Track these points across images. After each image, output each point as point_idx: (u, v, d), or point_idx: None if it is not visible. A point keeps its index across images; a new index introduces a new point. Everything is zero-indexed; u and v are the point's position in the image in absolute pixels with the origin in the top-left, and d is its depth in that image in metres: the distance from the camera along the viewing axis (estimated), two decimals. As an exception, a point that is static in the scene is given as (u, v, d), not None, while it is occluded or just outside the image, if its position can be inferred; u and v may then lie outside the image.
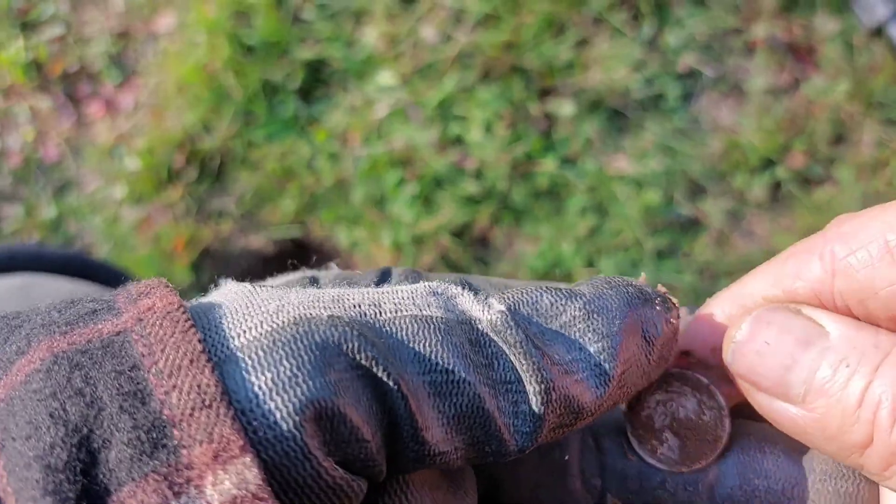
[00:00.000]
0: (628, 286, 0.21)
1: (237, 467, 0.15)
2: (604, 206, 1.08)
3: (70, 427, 0.15)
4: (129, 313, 0.17)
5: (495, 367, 0.19)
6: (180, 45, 1.13)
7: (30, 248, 0.46)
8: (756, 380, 0.20)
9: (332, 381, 0.16)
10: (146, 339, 0.16)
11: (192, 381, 0.16)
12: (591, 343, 0.19)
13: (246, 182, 1.12)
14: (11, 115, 1.17)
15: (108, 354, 0.16)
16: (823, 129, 1.08)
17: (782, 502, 0.21)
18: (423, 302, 0.19)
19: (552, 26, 1.08)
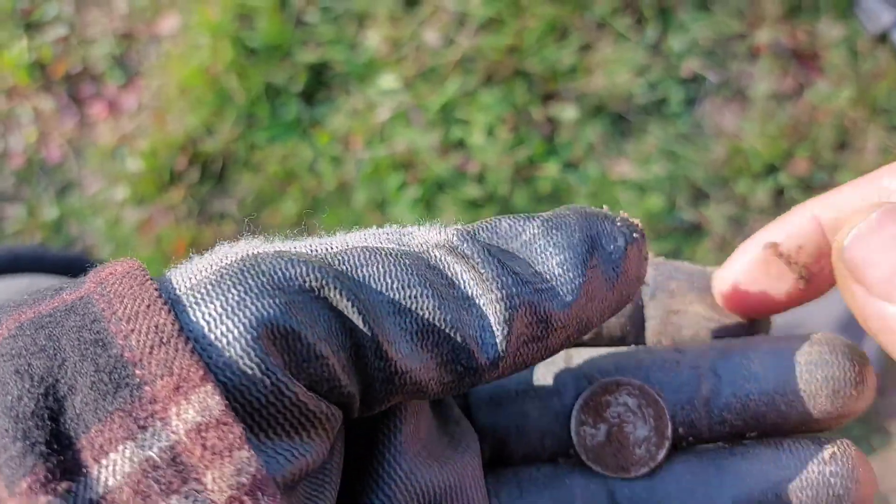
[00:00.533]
0: (586, 208, 0.21)
1: (199, 396, 0.16)
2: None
3: (35, 379, 0.16)
4: (91, 280, 0.18)
5: (455, 285, 0.19)
6: (183, 48, 1.14)
7: (32, 250, 0.46)
8: (866, 272, 0.20)
9: (281, 303, 0.17)
10: (106, 296, 0.17)
11: (149, 323, 0.16)
12: (553, 256, 0.19)
13: (248, 184, 1.12)
14: (14, 116, 1.17)
15: (70, 314, 0.17)
16: (827, 136, 1.07)
17: (776, 400, 0.22)
18: (374, 238, 0.20)
19: (555, 30, 1.08)
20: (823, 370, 0.22)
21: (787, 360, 0.22)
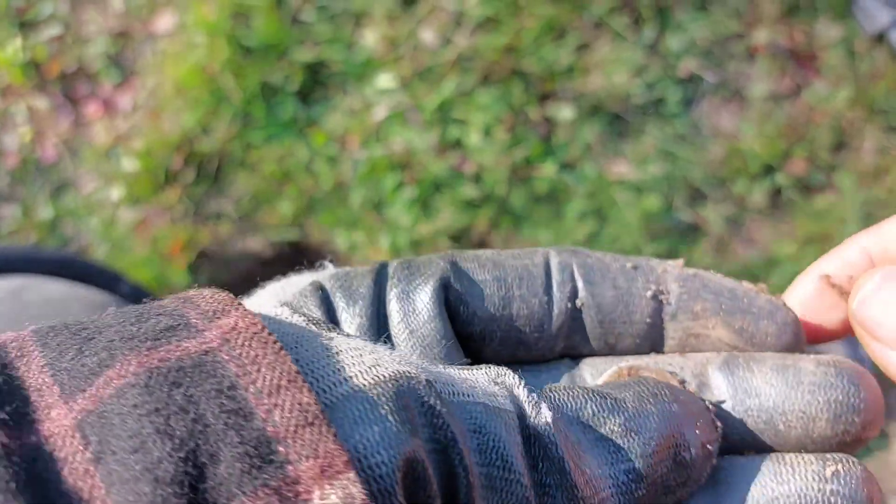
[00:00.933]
0: (673, 403, 0.21)
1: (343, 482, 0.16)
2: (603, 211, 1.08)
3: (176, 441, 0.16)
4: (212, 332, 0.17)
5: (538, 469, 0.19)
6: (179, 47, 1.13)
7: (25, 250, 0.46)
8: (875, 329, 0.22)
9: (423, 450, 0.18)
10: (238, 359, 0.17)
11: (293, 400, 0.16)
12: (623, 462, 0.20)
13: (244, 184, 1.11)
14: (9, 116, 1.17)
15: (203, 373, 0.17)
16: (824, 136, 1.08)
17: (774, 418, 0.22)
18: (490, 391, 0.20)
19: (553, 30, 1.08)
20: (826, 393, 0.22)
21: (791, 378, 0.22)
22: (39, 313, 0.43)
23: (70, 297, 0.45)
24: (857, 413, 0.21)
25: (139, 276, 1.08)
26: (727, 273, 0.24)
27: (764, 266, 1.08)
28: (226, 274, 1.13)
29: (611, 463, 0.20)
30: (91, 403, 0.16)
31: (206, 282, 1.11)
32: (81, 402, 0.16)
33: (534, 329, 0.23)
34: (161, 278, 1.08)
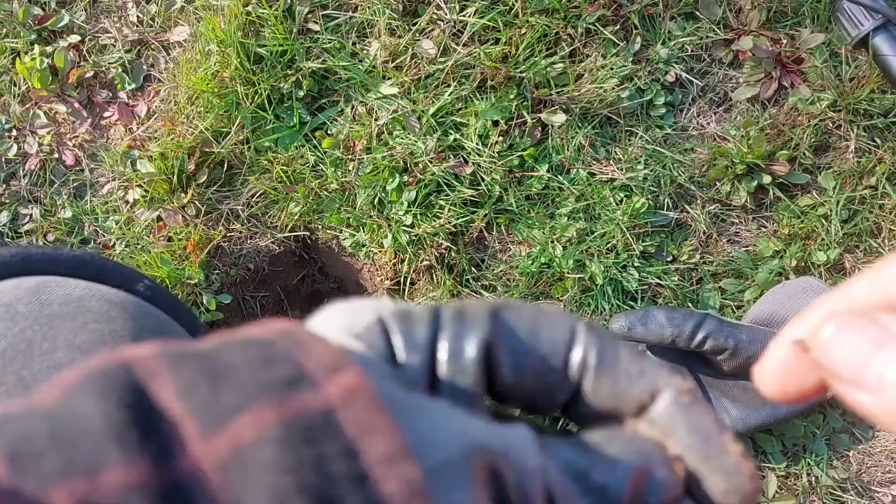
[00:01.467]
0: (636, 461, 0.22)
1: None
2: (594, 210, 1.12)
3: (314, 499, 0.16)
4: (331, 390, 0.18)
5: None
6: (192, 55, 1.17)
7: (44, 251, 0.46)
8: (837, 373, 0.24)
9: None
10: (357, 423, 0.17)
11: (403, 473, 0.17)
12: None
13: (254, 186, 1.15)
14: (29, 121, 1.21)
15: (329, 433, 0.17)
16: (808, 138, 1.11)
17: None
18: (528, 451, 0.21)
19: (546, 39, 1.12)
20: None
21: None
22: (60, 311, 0.43)
23: (88, 296, 0.45)
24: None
25: (155, 272, 1.12)
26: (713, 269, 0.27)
27: (748, 262, 1.12)
28: (237, 271, 1.17)
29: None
30: (230, 447, 0.16)
31: (218, 277, 1.16)
32: (221, 443, 0.17)
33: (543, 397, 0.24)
34: (176, 275, 1.12)
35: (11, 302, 0.43)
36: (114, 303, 0.46)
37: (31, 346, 0.41)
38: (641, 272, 1.11)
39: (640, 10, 1.12)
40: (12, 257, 0.46)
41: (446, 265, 1.13)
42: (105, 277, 0.48)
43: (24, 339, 0.41)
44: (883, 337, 0.23)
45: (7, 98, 1.21)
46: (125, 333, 0.43)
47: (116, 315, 0.45)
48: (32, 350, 0.40)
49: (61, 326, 0.42)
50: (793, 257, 1.10)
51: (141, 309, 0.47)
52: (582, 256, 1.11)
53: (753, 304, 1.09)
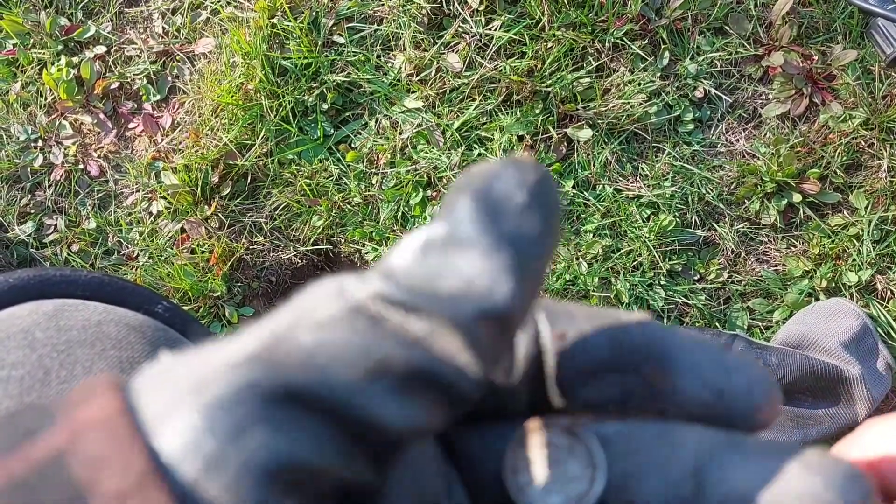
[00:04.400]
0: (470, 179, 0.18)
1: None
2: (620, 227, 1.11)
3: None
4: (66, 427, 0.15)
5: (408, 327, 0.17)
6: (217, 67, 1.17)
7: (62, 273, 0.45)
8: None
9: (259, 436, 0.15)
10: (86, 459, 0.14)
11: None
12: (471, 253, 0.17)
13: (277, 199, 1.15)
14: (55, 131, 1.21)
15: (47, 484, 0.14)
16: (839, 157, 1.09)
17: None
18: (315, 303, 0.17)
19: (573, 54, 1.11)
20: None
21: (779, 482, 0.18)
22: (78, 337, 0.42)
23: (106, 320, 0.44)
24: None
25: (178, 284, 1.11)
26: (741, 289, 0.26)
27: (776, 283, 1.10)
28: (259, 284, 1.17)
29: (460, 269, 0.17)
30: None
31: (241, 290, 1.15)
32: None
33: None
34: (199, 287, 1.12)
35: (29, 328, 0.42)
36: (132, 328, 0.45)
37: (49, 374, 0.39)
38: (668, 291, 1.09)
39: (668, 24, 1.11)
40: (31, 280, 0.45)
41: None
42: (124, 299, 0.47)
43: (41, 367, 0.40)
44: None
45: (33, 108, 1.22)
46: (142, 359, 0.43)
47: (135, 340, 0.44)
48: (50, 379, 0.39)
49: (79, 353, 0.41)
50: (823, 278, 1.08)
51: (160, 334, 0.46)
52: (607, 274, 1.09)
53: (783, 326, 1.06)
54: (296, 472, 0.15)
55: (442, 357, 0.16)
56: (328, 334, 0.16)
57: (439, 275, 0.17)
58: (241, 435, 0.14)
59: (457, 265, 0.17)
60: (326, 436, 0.15)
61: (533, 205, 0.17)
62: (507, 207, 0.17)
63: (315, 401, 0.15)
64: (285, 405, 0.15)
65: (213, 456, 0.14)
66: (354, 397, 0.15)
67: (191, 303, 1.13)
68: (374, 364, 0.16)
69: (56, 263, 1.16)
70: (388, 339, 0.16)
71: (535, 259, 0.17)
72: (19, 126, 1.22)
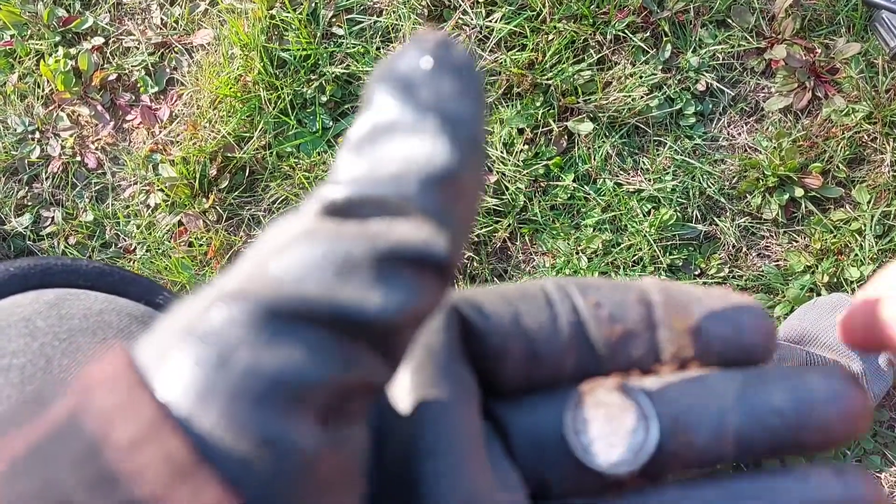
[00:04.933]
0: (377, 69, 0.18)
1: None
2: (620, 222, 1.10)
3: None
4: (76, 390, 0.15)
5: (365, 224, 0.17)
6: (216, 59, 1.16)
7: (63, 263, 0.45)
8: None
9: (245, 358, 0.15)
10: (97, 413, 0.14)
11: (160, 451, 0.14)
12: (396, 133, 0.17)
13: (276, 192, 1.14)
14: (52, 123, 1.20)
15: (63, 442, 0.14)
16: (842, 151, 1.08)
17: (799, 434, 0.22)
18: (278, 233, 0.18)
19: (574, 46, 1.10)
20: (838, 404, 0.22)
21: (806, 394, 0.22)
22: (80, 326, 0.42)
23: (108, 309, 0.44)
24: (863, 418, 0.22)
25: (176, 278, 1.11)
26: (742, 284, 0.26)
27: (778, 278, 1.09)
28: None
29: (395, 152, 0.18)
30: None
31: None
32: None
33: (544, 340, 0.22)
34: (196, 281, 1.11)
35: (31, 316, 0.41)
36: (134, 317, 0.45)
37: (51, 362, 0.39)
38: (668, 286, 1.08)
39: (670, 17, 1.10)
40: (32, 269, 0.45)
41: (468, 275, 1.11)
42: (125, 289, 0.47)
43: (43, 355, 0.39)
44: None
45: (31, 100, 1.21)
46: None
47: (136, 330, 0.43)
48: (51, 367, 0.39)
49: (81, 342, 0.41)
50: (825, 273, 1.07)
51: None
52: (607, 269, 1.08)
53: (784, 321, 1.06)
54: (290, 388, 0.15)
55: (403, 235, 0.16)
56: (293, 254, 0.16)
57: (378, 163, 0.17)
58: (225, 362, 0.14)
59: (391, 148, 0.17)
60: (317, 346, 0.15)
61: (441, 68, 0.17)
62: (417, 79, 0.17)
63: (295, 315, 0.15)
64: (266, 326, 0.15)
65: (203, 387, 0.14)
66: (333, 300, 0.15)
67: (189, 296, 1.12)
68: (341, 264, 0.16)
69: (54, 255, 1.15)
70: (346, 239, 0.16)
71: (463, 116, 0.17)
72: (16, 117, 1.21)
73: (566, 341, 0.21)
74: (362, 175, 0.17)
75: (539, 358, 0.21)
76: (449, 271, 0.17)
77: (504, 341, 0.21)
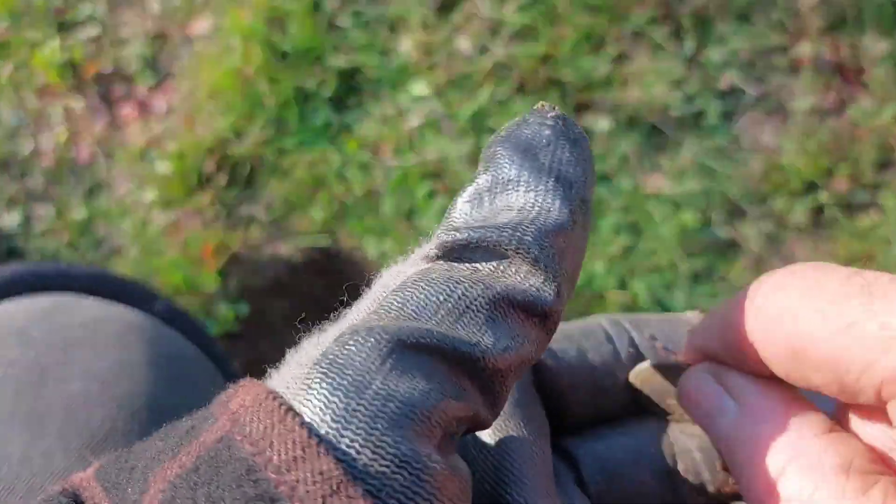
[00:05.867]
0: (498, 134, 0.21)
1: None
2: (639, 225, 1.06)
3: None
4: (224, 416, 0.17)
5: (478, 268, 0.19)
6: (215, 50, 1.14)
7: (57, 268, 0.46)
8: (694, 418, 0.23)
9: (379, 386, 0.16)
10: (249, 437, 0.16)
11: (313, 469, 0.15)
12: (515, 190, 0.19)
13: (276, 189, 1.12)
14: (45, 115, 1.18)
15: (220, 463, 0.16)
16: (869, 154, 1.05)
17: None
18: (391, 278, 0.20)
19: (591, 40, 1.07)
20: None
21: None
22: (76, 336, 0.42)
23: (104, 318, 0.44)
24: None
25: (170, 279, 1.08)
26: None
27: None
28: (255, 279, 1.13)
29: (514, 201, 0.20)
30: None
31: (235, 286, 1.11)
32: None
33: (609, 374, 0.24)
34: (192, 282, 1.09)
35: (25, 325, 0.42)
36: (131, 326, 0.45)
37: (45, 374, 0.39)
38: (689, 293, 1.05)
39: (692, 12, 1.07)
40: (25, 274, 0.45)
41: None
42: (122, 295, 0.48)
43: (38, 365, 0.39)
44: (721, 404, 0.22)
45: (24, 92, 1.19)
46: (141, 360, 0.43)
47: (133, 341, 0.44)
48: (46, 379, 0.39)
49: (76, 353, 0.41)
50: (852, 281, 1.03)
51: (158, 333, 0.46)
52: (625, 274, 1.05)
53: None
54: (420, 412, 0.16)
55: (515, 280, 0.18)
56: (414, 294, 0.18)
57: (495, 213, 0.19)
58: (362, 389, 0.16)
59: (508, 203, 0.19)
60: (437, 376, 0.17)
61: (559, 137, 0.20)
62: (537, 144, 0.20)
63: (419, 348, 0.17)
64: (395, 357, 0.16)
65: (344, 411, 0.16)
66: (448, 336, 0.17)
67: (183, 297, 1.09)
68: (456, 303, 0.18)
69: (45, 253, 1.13)
70: (461, 281, 0.18)
71: (576, 180, 0.20)
72: (9, 110, 1.19)
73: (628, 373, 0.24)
74: (479, 222, 0.19)
75: (605, 391, 0.24)
76: (554, 321, 0.19)
77: (573, 378, 0.24)
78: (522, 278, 0.18)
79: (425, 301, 0.18)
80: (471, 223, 0.19)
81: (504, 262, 0.18)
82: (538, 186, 0.19)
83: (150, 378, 0.40)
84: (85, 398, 0.38)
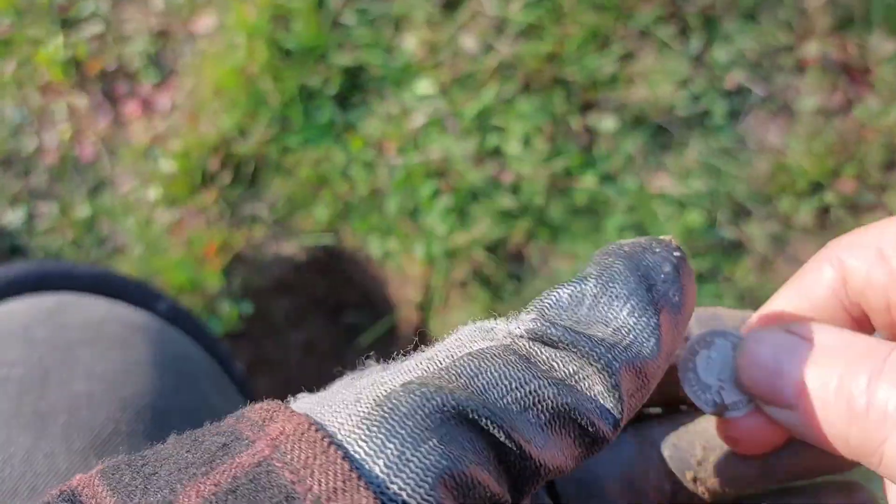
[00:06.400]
0: (624, 246, 0.22)
1: None
2: (644, 225, 1.06)
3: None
4: (262, 441, 0.17)
5: (555, 367, 0.20)
6: (219, 48, 1.13)
7: (61, 267, 0.45)
8: (757, 391, 0.23)
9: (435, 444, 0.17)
10: (290, 465, 0.17)
11: (353, 502, 0.16)
12: (621, 309, 0.20)
13: (280, 188, 1.11)
14: (49, 113, 1.17)
15: (258, 487, 0.16)
16: (876, 154, 1.04)
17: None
18: (469, 339, 0.21)
19: (596, 39, 1.06)
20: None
21: None
22: (79, 337, 0.42)
23: (107, 318, 0.44)
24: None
25: (173, 278, 1.08)
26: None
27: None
28: (259, 278, 1.12)
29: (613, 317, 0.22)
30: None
31: (239, 285, 1.11)
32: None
33: None
34: (195, 281, 1.08)
35: (29, 325, 0.41)
36: (135, 327, 0.45)
37: (49, 374, 0.39)
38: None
39: (698, 10, 1.06)
40: (29, 273, 0.45)
41: (482, 279, 1.07)
42: (126, 295, 0.48)
43: (41, 366, 0.39)
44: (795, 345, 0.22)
45: (27, 89, 1.18)
46: (145, 361, 0.43)
47: (137, 341, 0.43)
48: (50, 380, 0.39)
49: (80, 353, 0.41)
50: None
51: (162, 334, 0.46)
52: (628, 274, 1.04)
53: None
54: (462, 480, 0.17)
55: (587, 397, 0.19)
56: (485, 364, 0.19)
57: (590, 322, 0.20)
58: (419, 442, 0.17)
59: (607, 316, 0.20)
60: (485, 452, 0.18)
61: (677, 278, 0.21)
62: (655, 276, 0.21)
63: (476, 420, 0.18)
64: (452, 420, 0.17)
65: (396, 458, 0.16)
66: (507, 423, 0.18)
67: (187, 296, 1.08)
68: (526, 396, 0.19)
69: (48, 251, 1.12)
70: (537, 376, 0.19)
71: (677, 324, 0.21)
72: (12, 107, 1.18)
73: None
74: (573, 325, 0.20)
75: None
76: (603, 447, 0.19)
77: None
78: (592, 396, 0.19)
79: (497, 381, 0.18)
80: (565, 320, 0.20)
81: (582, 374, 0.19)
82: (641, 317, 0.20)
83: (154, 378, 0.40)
84: (88, 398, 0.38)
